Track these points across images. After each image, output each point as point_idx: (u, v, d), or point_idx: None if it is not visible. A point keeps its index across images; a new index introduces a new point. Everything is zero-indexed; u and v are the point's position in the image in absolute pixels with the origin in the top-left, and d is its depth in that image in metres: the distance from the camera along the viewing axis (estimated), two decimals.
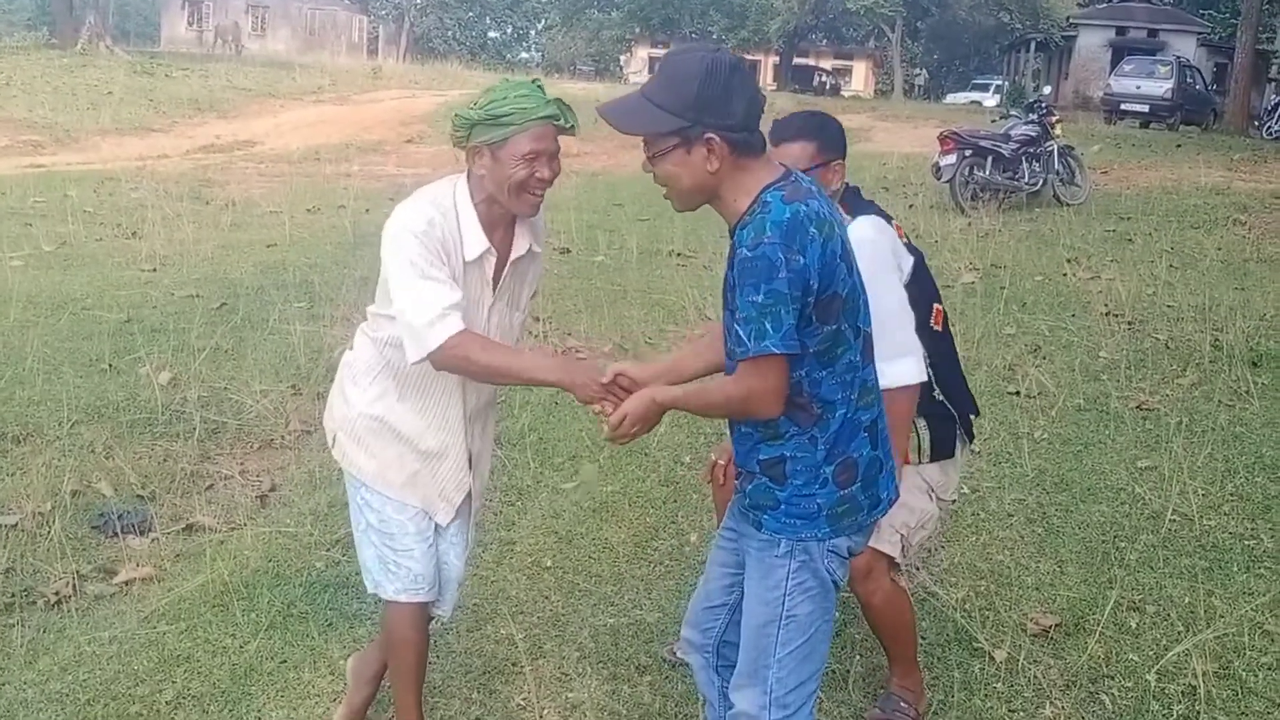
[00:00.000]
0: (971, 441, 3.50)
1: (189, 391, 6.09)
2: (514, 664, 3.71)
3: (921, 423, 3.29)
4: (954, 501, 3.54)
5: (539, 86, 2.76)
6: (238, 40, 44.73)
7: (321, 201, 13.29)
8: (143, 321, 7.59)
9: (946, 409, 3.35)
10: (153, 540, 4.62)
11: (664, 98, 2.35)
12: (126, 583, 4.28)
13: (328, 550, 4.50)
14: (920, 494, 3.33)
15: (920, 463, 3.32)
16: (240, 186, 14.49)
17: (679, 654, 3.55)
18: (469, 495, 3.08)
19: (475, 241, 2.80)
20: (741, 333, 2.29)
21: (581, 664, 3.75)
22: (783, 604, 2.48)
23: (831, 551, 2.48)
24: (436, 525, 3.05)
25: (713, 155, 2.34)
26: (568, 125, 2.75)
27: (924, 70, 53.19)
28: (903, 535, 3.29)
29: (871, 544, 3.03)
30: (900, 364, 3.08)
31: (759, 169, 2.39)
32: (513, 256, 2.90)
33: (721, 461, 3.43)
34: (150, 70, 29.25)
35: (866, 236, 3.08)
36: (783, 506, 2.45)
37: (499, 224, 2.84)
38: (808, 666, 2.53)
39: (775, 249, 2.25)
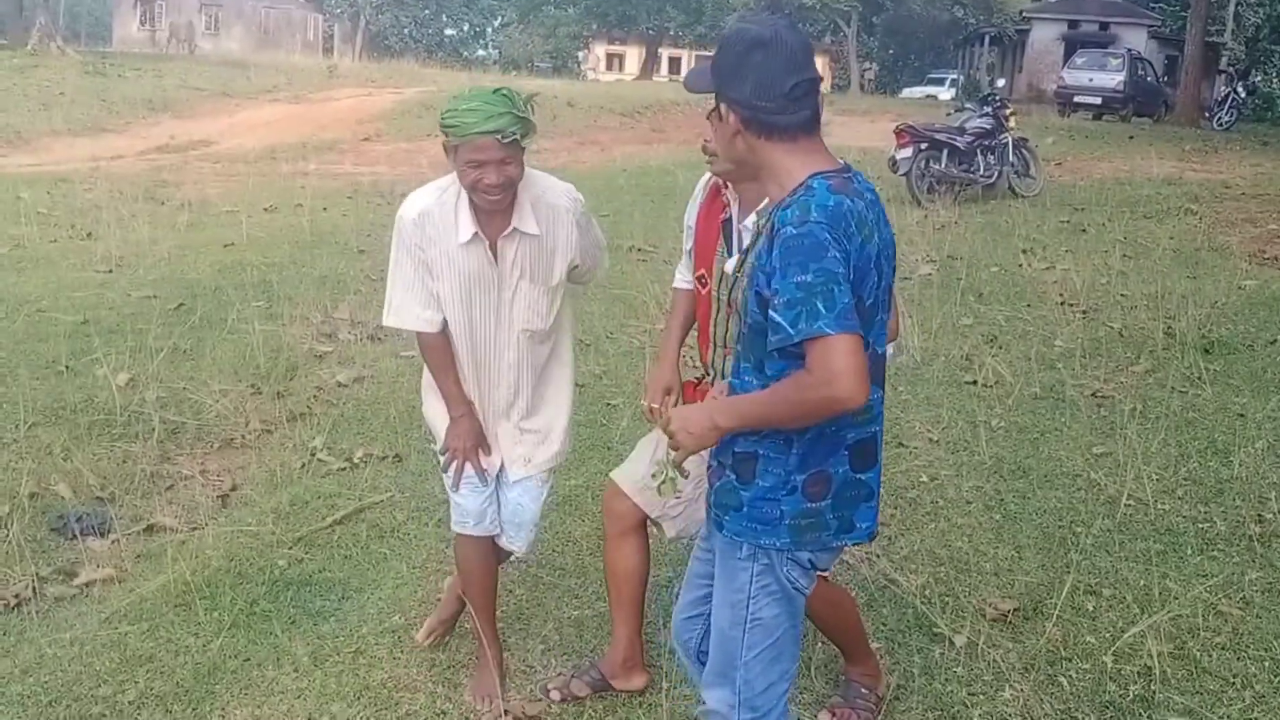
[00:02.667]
0: None
1: (147, 392, 6.05)
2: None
3: None
4: None
5: (503, 96, 2.98)
6: (191, 40, 44.34)
7: (279, 201, 13.21)
8: (99, 323, 7.53)
9: None
10: (113, 541, 4.59)
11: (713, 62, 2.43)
12: (87, 584, 4.26)
13: (290, 548, 4.49)
14: None
15: None
16: (196, 186, 14.37)
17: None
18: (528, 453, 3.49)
19: (465, 227, 3.15)
20: (783, 319, 2.17)
21: (546, 656, 3.77)
22: (747, 607, 2.45)
23: (792, 560, 2.43)
24: (501, 473, 3.47)
25: (736, 130, 2.36)
26: (507, 140, 2.96)
27: (873, 65, 53.31)
28: None
29: None
30: None
31: (807, 155, 2.33)
32: (501, 235, 3.19)
33: (655, 405, 3.38)
34: (103, 70, 28.94)
35: None
36: (745, 509, 2.40)
37: (499, 208, 3.14)
38: (776, 668, 2.51)
39: (823, 229, 2.18)
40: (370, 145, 20.01)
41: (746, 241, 3.09)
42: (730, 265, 3.11)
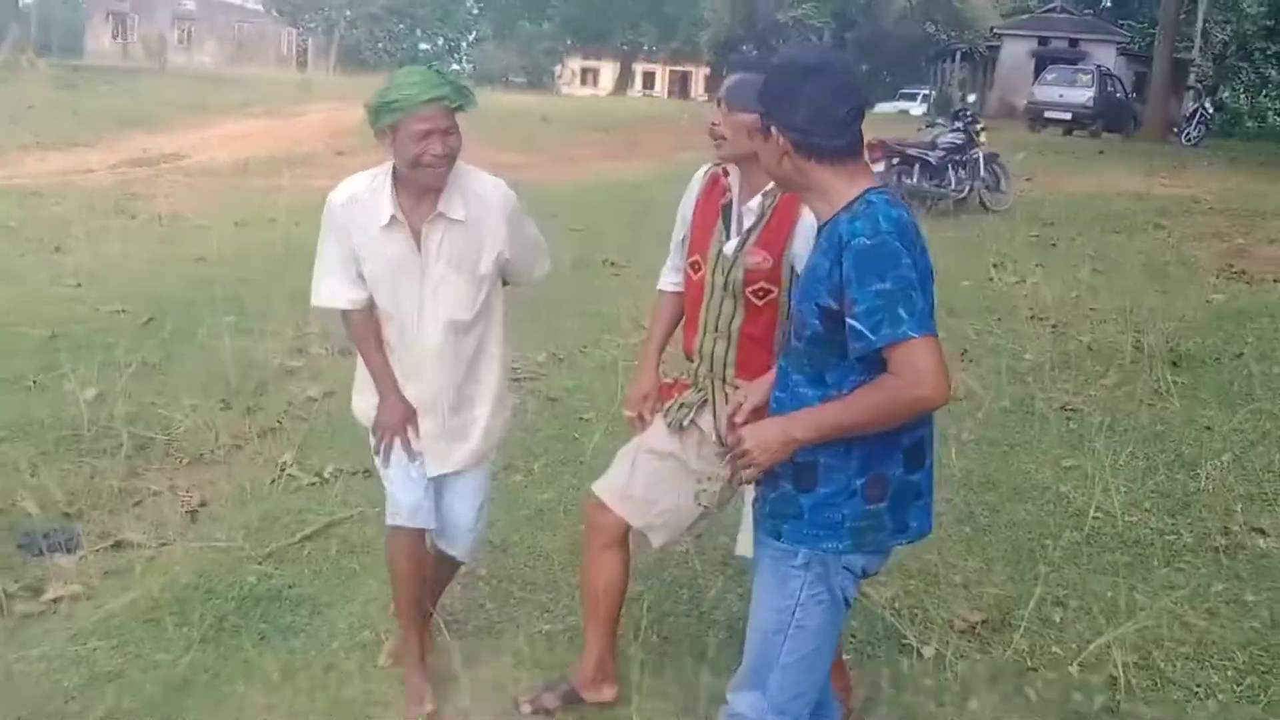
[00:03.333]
0: None
1: (116, 408, 6.00)
2: (449, 673, 3.70)
3: None
4: None
5: (435, 71, 3.15)
6: (162, 53, 44.15)
7: (251, 215, 13.13)
8: (68, 337, 7.46)
9: None
10: (81, 558, 4.54)
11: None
12: (54, 600, 4.21)
13: (259, 564, 4.47)
14: None
15: None
16: (168, 201, 14.29)
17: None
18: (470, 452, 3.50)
19: (384, 211, 3.23)
20: (863, 326, 2.26)
21: (517, 670, 3.76)
22: (794, 614, 2.49)
23: (846, 569, 2.48)
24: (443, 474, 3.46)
25: (785, 151, 2.41)
26: (454, 105, 3.12)
27: None
28: None
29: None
30: None
31: (854, 175, 2.41)
32: (426, 220, 3.24)
33: (631, 413, 3.47)
34: (74, 84, 28.78)
35: None
36: (806, 515, 2.44)
37: (424, 194, 3.23)
38: (810, 677, 2.55)
39: (894, 238, 2.28)
40: (344, 159, 19.87)
41: (748, 223, 3.13)
42: (730, 247, 3.14)
